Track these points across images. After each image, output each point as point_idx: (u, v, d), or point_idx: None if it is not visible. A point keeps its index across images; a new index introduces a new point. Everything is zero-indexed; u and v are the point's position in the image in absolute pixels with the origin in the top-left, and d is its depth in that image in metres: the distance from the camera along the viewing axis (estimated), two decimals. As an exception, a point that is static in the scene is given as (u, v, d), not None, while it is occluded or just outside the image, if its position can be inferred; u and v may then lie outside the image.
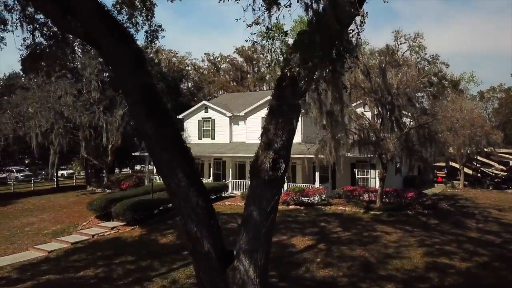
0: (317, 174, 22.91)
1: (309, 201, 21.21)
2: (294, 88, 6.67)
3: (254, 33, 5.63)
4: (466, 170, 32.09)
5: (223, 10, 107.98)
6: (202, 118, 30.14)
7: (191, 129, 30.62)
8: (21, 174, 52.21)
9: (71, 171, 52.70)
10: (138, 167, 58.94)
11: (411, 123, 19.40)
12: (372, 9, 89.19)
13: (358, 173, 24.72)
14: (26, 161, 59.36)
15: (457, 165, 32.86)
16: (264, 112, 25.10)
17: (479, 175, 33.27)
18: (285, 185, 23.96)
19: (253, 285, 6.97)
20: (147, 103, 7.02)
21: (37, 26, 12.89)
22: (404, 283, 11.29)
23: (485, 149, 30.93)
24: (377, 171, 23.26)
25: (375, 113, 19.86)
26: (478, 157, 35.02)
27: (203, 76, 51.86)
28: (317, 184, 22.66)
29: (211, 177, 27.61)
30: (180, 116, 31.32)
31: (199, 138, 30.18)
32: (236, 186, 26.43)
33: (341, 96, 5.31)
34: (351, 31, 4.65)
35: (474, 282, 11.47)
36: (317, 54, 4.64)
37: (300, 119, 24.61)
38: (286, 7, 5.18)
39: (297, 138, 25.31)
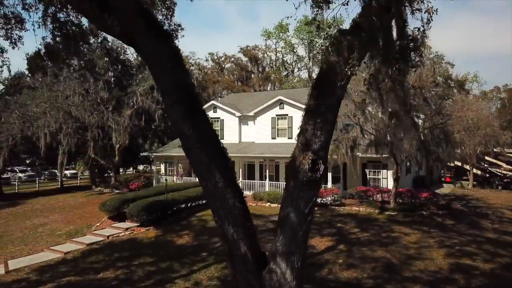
0: (329, 174, 22.78)
1: (322, 201, 21.09)
2: (334, 87, 6.57)
3: (311, 32, 5.45)
4: (474, 170, 32.03)
5: (223, 10, 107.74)
6: (211, 118, 29.86)
7: (199, 129, 30.42)
8: (24, 174, 52.23)
9: (74, 171, 52.67)
10: (141, 167, 58.84)
11: (426, 123, 19.32)
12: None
13: (369, 173, 24.63)
14: (27, 161, 59.22)
15: (464, 165, 32.78)
16: (273, 112, 25.21)
17: (487, 175, 33.21)
18: (297, 186, 23.86)
19: (290, 288, 6.84)
20: (186, 103, 6.90)
21: (57, 25, 12.79)
22: (430, 285, 11.18)
23: (495, 149, 30.88)
24: (389, 171, 23.23)
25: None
26: (486, 157, 34.96)
27: (207, 76, 51.74)
28: (329, 185, 22.55)
29: (220, 177, 27.42)
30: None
31: (208, 138, 30.00)
32: (246, 186, 26.29)
33: (407, 95, 5.18)
34: (416, 29, 4.54)
35: (500, 284, 11.36)
36: (380, 53, 4.52)
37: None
38: (344, 5, 5.04)
39: (308, 138, 25.15)
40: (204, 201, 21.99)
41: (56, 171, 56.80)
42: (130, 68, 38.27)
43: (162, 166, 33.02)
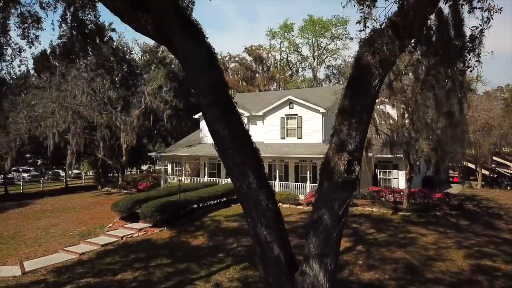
0: (341, 174, 22.64)
1: (334, 202, 20.95)
2: (369, 87, 6.51)
3: (361, 30, 5.35)
4: (482, 170, 31.92)
5: (222, 9, 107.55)
6: (219, 118, 29.75)
7: (206, 128, 30.28)
8: (28, 174, 52.29)
9: (77, 171, 52.85)
10: (144, 167, 58.78)
11: (438, 123, 19.16)
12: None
13: (380, 173, 24.53)
14: (29, 161, 59.21)
15: (471, 165, 32.64)
16: (283, 112, 25.16)
17: (495, 175, 33.12)
18: (309, 186, 23.78)
19: (323, 291, 6.78)
20: (222, 103, 6.84)
21: (76, 24, 12.71)
22: (453, 287, 11.09)
23: (504, 149, 30.77)
24: (400, 171, 23.15)
25: (401, 112, 19.61)
26: (494, 158, 34.82)
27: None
28: (341, 185, 22.40)
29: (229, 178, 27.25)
30: (196, 116, 31.06)
31: (216, 138, 29.86)
32: (256, 186, 26.12)
33: (465, 96, 5.09)
34: (474, 28, 4.43)
35: (525, 285, 11.27)
36: (437, 52, 4.41)
37: (321, 119, 24.39)
38: (396, 3, 4.94)
39: (318, 138, 25.11)
40: (215, 202, 21.96)
41: (60, 171, 56.92)
42: (136, 68, 38.20)
43: (169, 166, 32.90)
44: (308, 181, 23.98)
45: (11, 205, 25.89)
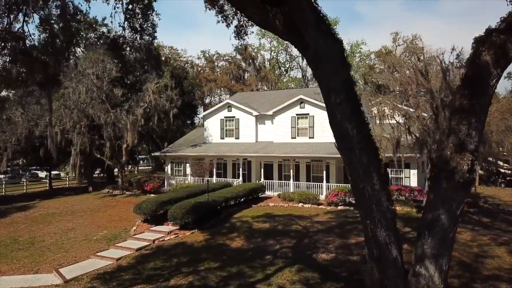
0: (359, 174, 22.82)
1: (353, 201, 21.12)
2: (487, 87, 6.59)
3: None
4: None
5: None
6: (225, 117, 29.37)
7: (212, 128, 29.81)
8: (4, 176, 49.83)
9: (56, 172, 50.93)
10: (127, 168, 57.18)
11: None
12: (335, 10, 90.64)
13: (391, 172, 24.91)
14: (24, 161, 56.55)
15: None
16: (293, 111, 25.14)
17: (484, 172, 34.48)
18: (325, 186, 23.82)
19: (438, 292, 6.83)
20: (352, 102, 6.69)
21: (132, 18, 12.13)
22: (515, 283, 11.38)
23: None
24: (411, 170, 23.64)
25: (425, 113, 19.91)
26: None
27: (201, 75, 50.81)
28: (359, 184, 22.57)
29: (240, 178, 26.94)
30: (200, 115, 30.47)
31: (222, 138, 29.43)
32: (269, 186, 25.94)
33: None
34: None
35: None
36: None
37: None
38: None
39: (331, 137, 25.14)
40: (233, 203, 21.45)
41: (38, 172, 54.39)
42: (130, 66, 36.89)
43: (169, 167, 32.02)
44: (324, 181, 24.00)
45: (10, 209, 24.38)
